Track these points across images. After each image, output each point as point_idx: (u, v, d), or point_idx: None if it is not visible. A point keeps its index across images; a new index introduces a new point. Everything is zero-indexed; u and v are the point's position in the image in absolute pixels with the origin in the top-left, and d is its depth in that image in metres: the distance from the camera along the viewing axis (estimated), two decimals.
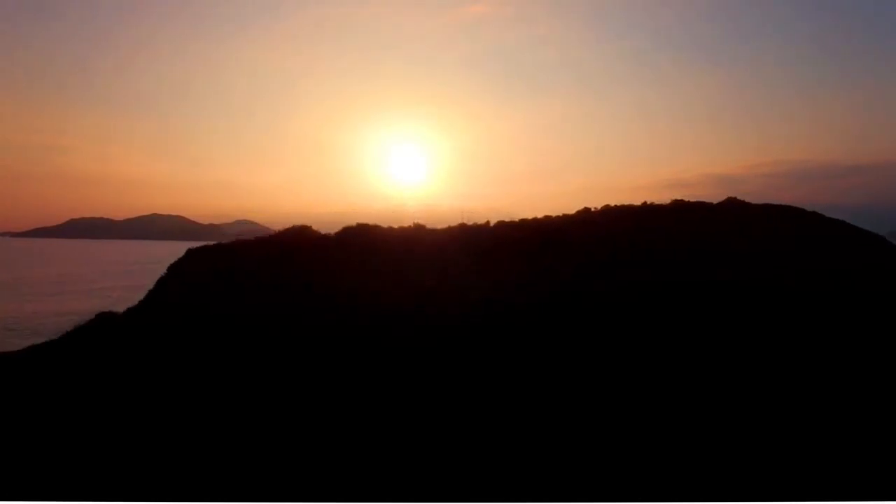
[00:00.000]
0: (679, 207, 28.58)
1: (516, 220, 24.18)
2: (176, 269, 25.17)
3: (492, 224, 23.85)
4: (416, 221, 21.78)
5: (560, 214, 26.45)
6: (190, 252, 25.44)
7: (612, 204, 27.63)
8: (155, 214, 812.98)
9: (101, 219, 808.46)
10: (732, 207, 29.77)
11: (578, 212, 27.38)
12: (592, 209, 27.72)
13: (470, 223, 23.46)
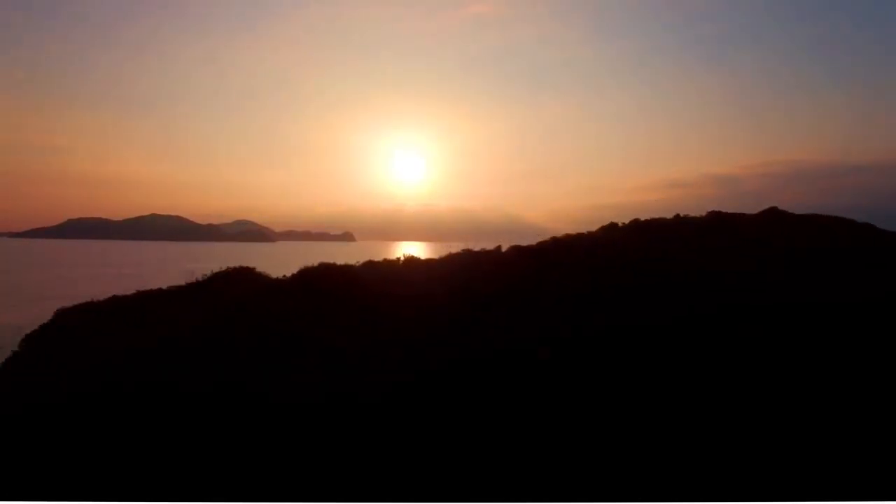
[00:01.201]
0: (718, 219, 24.89)
1: (534, 243, 20.13)
2: (37, 339, 16.35)
3: (504, 249, 19.76)
4: (406, 254, 17.73)
5: (585, 232, 22.63)
6: (61, 313, 17.45)
7: (641, 218, 23.87)
8: (154, 215, 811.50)
9: (100, 219, 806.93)
10: (773, 219, 26.03)
11: (602, 228, 23.61)
12: (620, 224, 23.91)
13: (477, 249, 19.37)
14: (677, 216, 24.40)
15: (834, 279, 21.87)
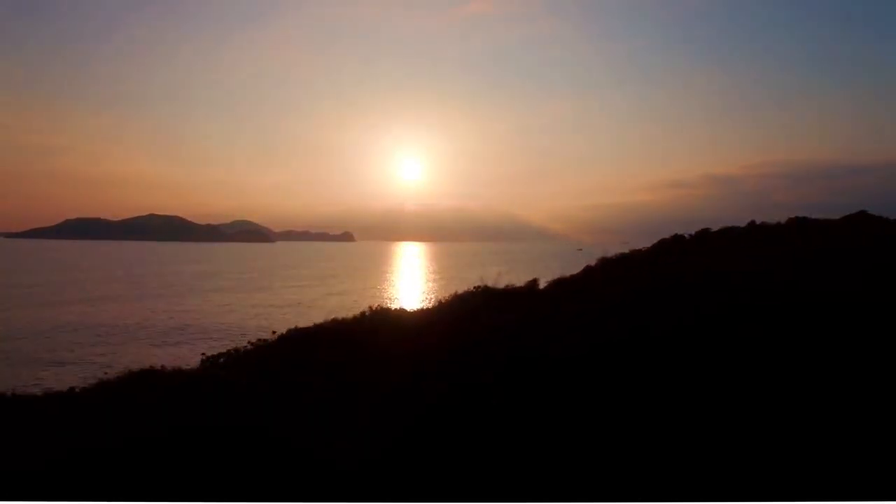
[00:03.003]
0: (797, 226, 19.60)
1: (577, 271, 14.41)
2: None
3: (542, 286, 13.96)
4: (377, 304, 12.06)
5: (641, 248, 17.35)
6: None
7: (711, 228, 18.55)
8: (152, 215, 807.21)
9: (98, 219, 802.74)
10: (862, 223, 20.80)
11: (663, 241, 18.25)
12: (686, 237, 18.55)
13: (501, 286, 13.46)
14: (752, 223, 19.19)
15: (846, 279, 17.52)
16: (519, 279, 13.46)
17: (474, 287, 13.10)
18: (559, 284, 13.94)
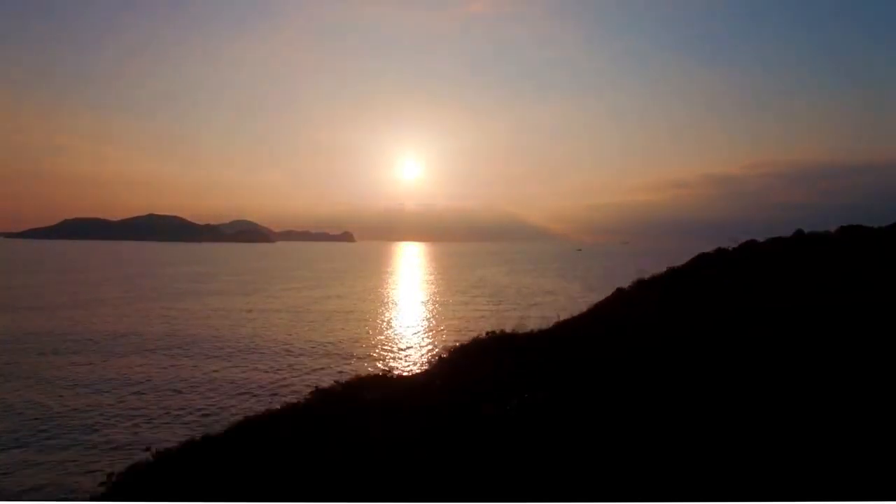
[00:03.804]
0: (848, 235, 17.42)
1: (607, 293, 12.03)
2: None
3: (572, 315, 11.51)
4: (356, 374, 9.55)
5: (677, 266, 15.12)
6: None
7: (758, 239, 16.45)
8: (152, 215, 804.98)
9: (97, 219, 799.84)
10: None
11: (703, 255, 16.06)
12: (729, 249, 16.42)
13: (521, 332, 10.79)
14: (798, 232, 17.08)
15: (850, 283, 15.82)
16: (526, 281, 11.43)
17: (486, 333, 10.66)
18: (587, 316, 11.80)
